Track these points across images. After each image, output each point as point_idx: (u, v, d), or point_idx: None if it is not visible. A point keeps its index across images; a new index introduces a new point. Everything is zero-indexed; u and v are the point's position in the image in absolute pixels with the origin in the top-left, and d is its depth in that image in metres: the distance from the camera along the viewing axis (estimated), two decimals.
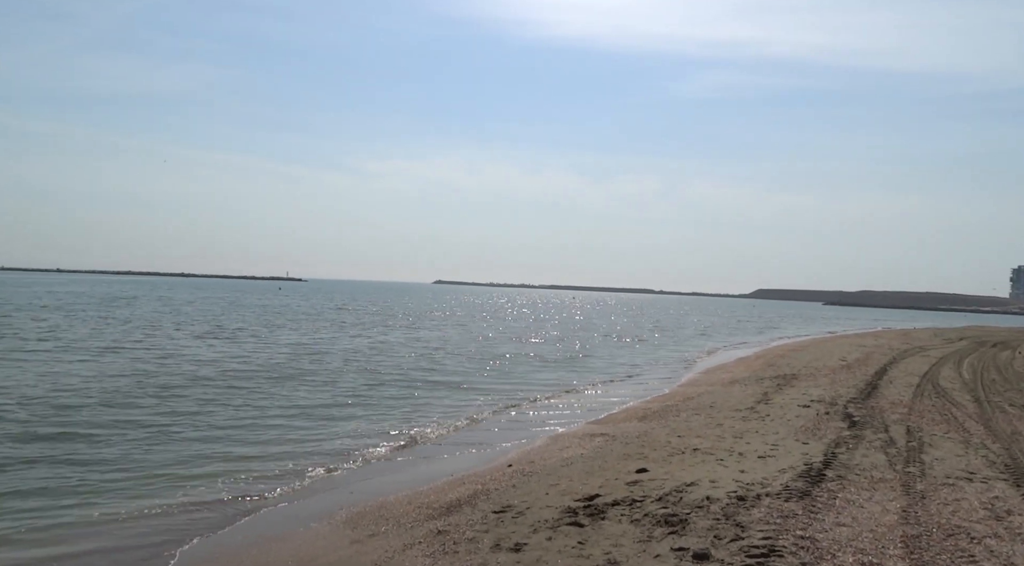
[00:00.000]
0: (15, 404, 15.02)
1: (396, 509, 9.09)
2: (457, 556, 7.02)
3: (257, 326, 41.61)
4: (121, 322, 39.77)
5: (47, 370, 20.10)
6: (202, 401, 16.13)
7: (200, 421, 14.11)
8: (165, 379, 19.38)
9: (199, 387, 18.29)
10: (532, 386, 21.52)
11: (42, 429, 12.93)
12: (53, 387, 17.35)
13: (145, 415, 14.59)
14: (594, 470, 10.41)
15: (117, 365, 21.78)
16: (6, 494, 9.34)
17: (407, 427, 14.65)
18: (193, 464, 11.09)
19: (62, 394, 16.45)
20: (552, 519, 7.98)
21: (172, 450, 11.91)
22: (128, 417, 14.31)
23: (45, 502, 9.19)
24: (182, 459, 11.36)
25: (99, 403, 15.53)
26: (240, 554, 7.68)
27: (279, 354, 26.59)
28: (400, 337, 37.82)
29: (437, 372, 23.80)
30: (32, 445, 11.83)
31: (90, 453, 11.49)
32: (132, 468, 10.73)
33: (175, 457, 11.51)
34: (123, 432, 12.91)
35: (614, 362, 30.15)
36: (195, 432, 13.15)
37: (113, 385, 17.99)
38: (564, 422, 15.64)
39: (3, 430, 12.70)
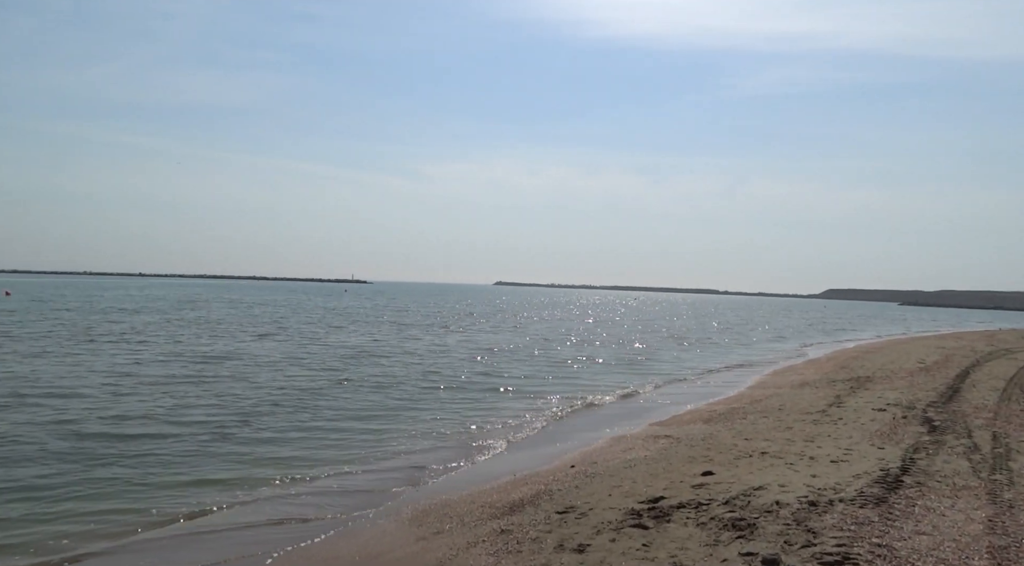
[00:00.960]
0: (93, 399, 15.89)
1: (459, 508, 9.18)
2: (520, 555, 7.04)
3: (319, 327, 42.74)
4: (190, 323, 41.53)
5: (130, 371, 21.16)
6: (264, 402, 16.45)
7: (262, 422, 14.47)
8: (225, 384, 20.11)
9: (260, 389, 18.85)
10: (593, 387, 21.37)
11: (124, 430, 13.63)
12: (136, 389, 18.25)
13: (208, 416, 15.16)
14: (658, 472, 10.27)
15: (178, 368, 22.71)
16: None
17: (468, 428, 14.77)
18: (258, 463, 11.35)
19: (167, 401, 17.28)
20: (616, 521, 7.90)
21: (238, 451, 12.30)
22: (191, 419, 14.89)
23: (116, 504, 9.67)
24: (245, 458, 11.67)
25: (178, 405, 16.25)
26: (310, 549, 7.89)
27: (339, 356, 27.20)
28: (459, 339, 38.17)
29: (496, 374, 23.89)
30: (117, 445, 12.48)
31: (160, 453, 12.04)
32: (190, 471, 11.03)
33: (241, 457, 11.92)
34: (188, 433, 13.43)
35: (677, 364, 29.64)
36: (256, 434, 13.47)
37: (181, 390, 18.78)
38: (626, 424, 15.47)
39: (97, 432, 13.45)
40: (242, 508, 9.25)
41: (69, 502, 9.21)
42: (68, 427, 13.10)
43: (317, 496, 9.87)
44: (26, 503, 9.06)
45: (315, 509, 9.29)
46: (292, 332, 37.77)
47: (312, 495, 9.93)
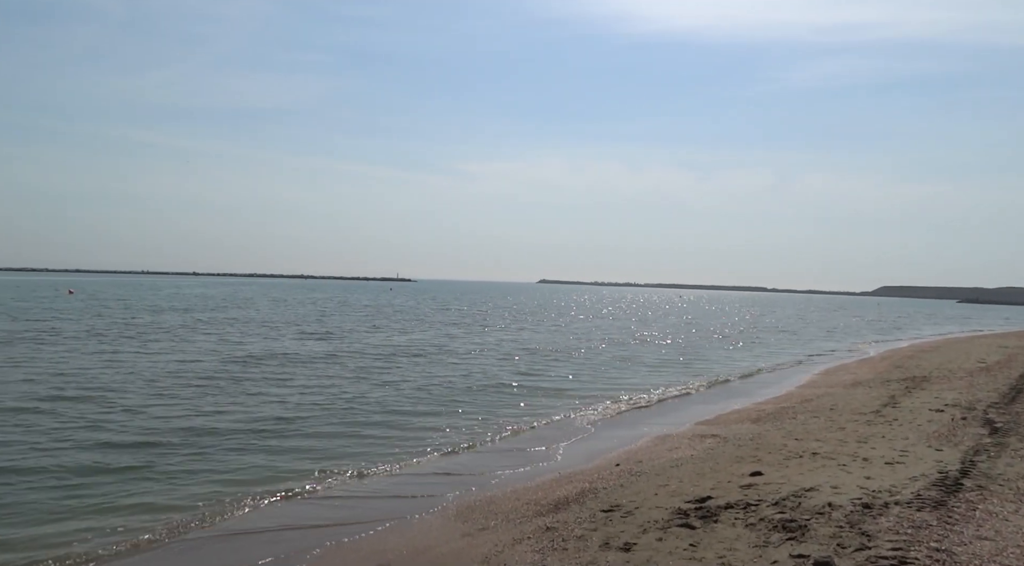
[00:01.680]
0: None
1: (504, 504, 9.21)
2: (566, 553, 7.03)
3: (362, 326, 43.37)
4: (235, 322, 42.58)
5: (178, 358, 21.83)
6: (305, 402, 16.56)
7: (305, 421, 14.65)
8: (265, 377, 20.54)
9: (301, 388, 19.17)
10: (637, 387, 21.18)
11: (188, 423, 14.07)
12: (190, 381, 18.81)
13: (250, 415, 15.52)
14: (705, 472, 10.13)
15: (218, 366, 23.28)
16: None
17: (509, 427, 14.80)
18: (302, 461, 11.49)
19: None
20: (662, 520, 7.83)
21: (280, 449, 12.56)
22: (232, 417, 15.25)
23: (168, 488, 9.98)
24: (288, 457, 11.87)
25: (230, 403, 16.68)
26: (358, 543, 8.02)
27: (381, 355, 27.53)
28: (501, 338, 38.26)
29: (538, 373, 23.88)
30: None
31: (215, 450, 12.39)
32: (234, 470, 11.25)
33: (283, 456, 12.19)
34: (230, 432, 13.74)
35: (723, 363, 29.17)
36: (299, 433, 13.65)
37: (238, 386, 19.27)
38: (671, 423, 15.30)
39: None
40: (288, 505, 9.41)
41: (115, 498, 9.50)
42: (107, 424, 13.41)
43: (362, 492, 10.01)
44: (68, 499, 9.39)
45: (361, 505, 9.42)
46: (334, 331, 38.40)
47: (357, 492, 10.08)
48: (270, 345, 29.22)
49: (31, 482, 9.88)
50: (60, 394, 16.37)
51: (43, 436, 12.39)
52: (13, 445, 11.73)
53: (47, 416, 14.00)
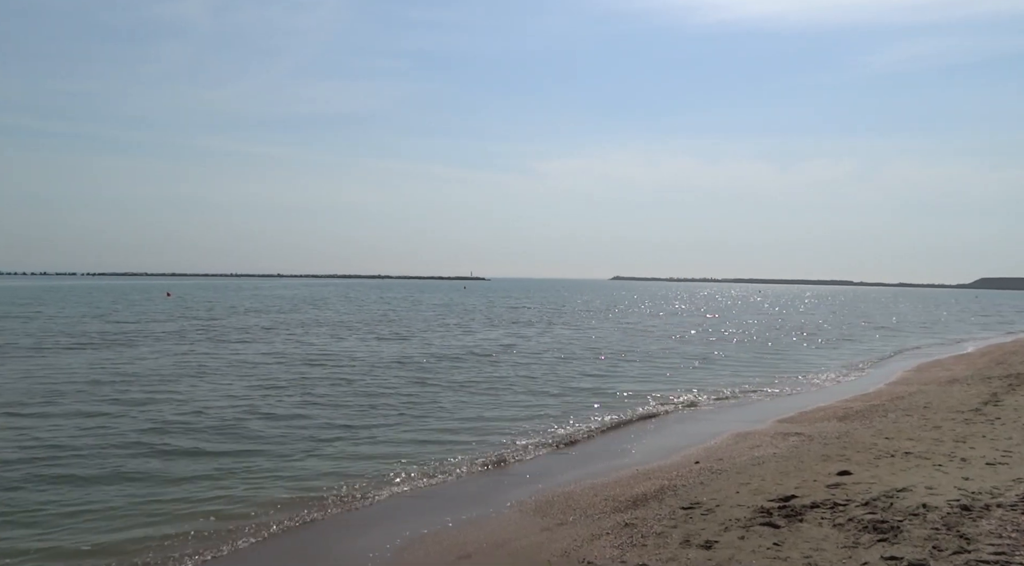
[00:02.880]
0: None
1: (582, 500, 9.23)
2: (645, 549, 6.99)
3: (435, 325, 44.09)
4: (311, 322, 44.04)
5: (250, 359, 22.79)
6: (378, 404, 16.72)
7: (382, 419, 15.03)
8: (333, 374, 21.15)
9: (372, 387, 19.62)
10: (715, 383, 20.74)
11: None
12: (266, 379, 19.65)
13: (322, 413, 16.02)
14: (789, 470, 9.85)
15: (291, 365, 24.11)
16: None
17: (586, 422, 14.77)
18: (382, 458, 11.70)
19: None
20: (744, 518, 7.67)
21: (354, 446, 12.94)
22: (305, 415, 15.77)
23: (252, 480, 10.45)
24: (364, 453, 12.13)
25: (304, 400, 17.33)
26: (440, 534, 8.21)
27: (450, 355, 27.86)
28: (573, 336, 38.16)
29: (612, 369, 23.72)
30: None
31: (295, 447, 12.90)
32: (311, 464, 11.66)
33: (359, 451, 12.56)
34: (305, 428, 14.24)
35: (806, 359, 28.17)
36: (376, 428, 14.01)
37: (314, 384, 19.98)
38: (751, 420, 14.92)
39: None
40: (369, 499, 9.64)
41: (192, 493, 10.01)
42: (181, 421, 13.88)
43: (441, 487, 10.20)
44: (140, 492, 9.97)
45: (440, 499, 9.60)
46: (411, 330, 39.21)
47: (436, 486, 10.27)
48: (341, 345, 30.06)
49: (135, 480, 10.57)
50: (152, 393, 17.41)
51: (149, 433, 13.22)
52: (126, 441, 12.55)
53: (143, 411, 14.94)
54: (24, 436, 12.55)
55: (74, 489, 9.71)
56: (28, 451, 11.55)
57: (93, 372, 20.28)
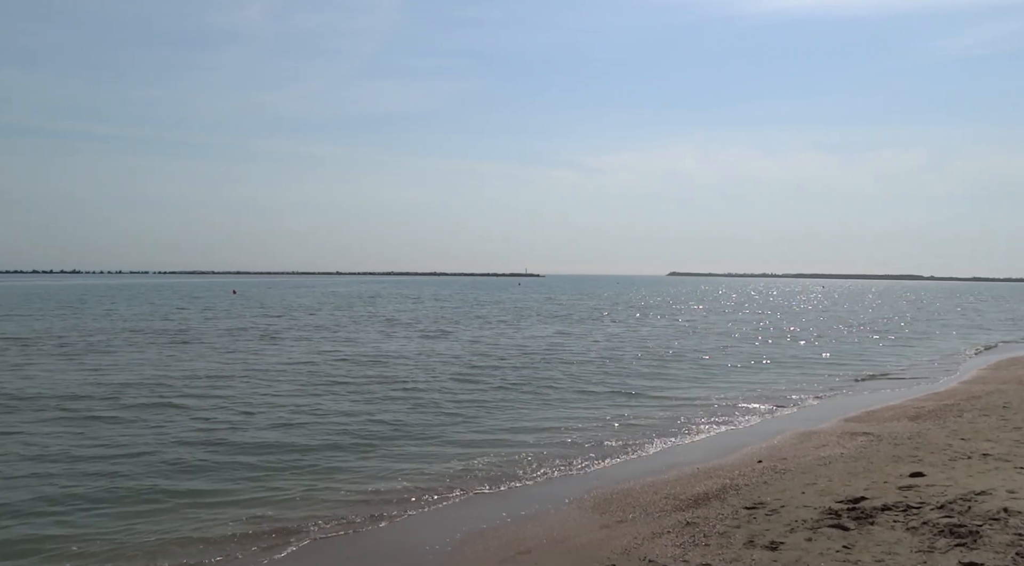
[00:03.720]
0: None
1: (642, 497, 9.13)
2: (708, 549, 6.87)
3: (487, 323, 44.24)
4: (368, 318, 44.72)
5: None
6: (429, 402, 16.85)
7: (434, 416, 15.18)
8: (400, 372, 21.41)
9: (419, 382, 19.79)
10: (775, 381, 20.23)
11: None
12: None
13: (380, 410, 16.21)
14: (857, 471, 9.54)
15: (351, 364, 24.50)
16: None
17: (642, 420, 14.61)
18: (438, 454, 11.83)
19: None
20: (811, 520, 7.46)
21: (413, 441, 13.11)
22: (364, 412, 15.99)
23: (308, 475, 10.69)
24: (421, 448, 12.35)
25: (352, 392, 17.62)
26: (499, 529, 8.25)
27: (500, 355, 27.90)
28: (627, 333, 37.78)
29: (667, 367, 23.38)
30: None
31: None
32: (382, 459, 11.92)
33: (417, 446, 12.71)
34: (365, 423, 14.46)
35: (873, 356, 27.18)
36: (434, 420, 14.24)
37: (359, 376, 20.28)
38: (816, 419, 14.50)
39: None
40: (426, 495, 9.72)
41: (261, 488, 10.35)
42: (233, 420, 14.05)
43: (498, 484, 10.20)
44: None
45: (497, 496, 9.62)
46: (463, 327, 39.49)
47: (493, 483, 10.27)
48: (392, 343, 30.37)
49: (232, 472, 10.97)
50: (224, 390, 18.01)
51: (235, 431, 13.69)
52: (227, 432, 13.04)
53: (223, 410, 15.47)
54: (118, 432, 13.17)
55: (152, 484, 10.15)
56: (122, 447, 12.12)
57: (158, 369, 21.12)
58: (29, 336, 30.60)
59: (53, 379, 18.62)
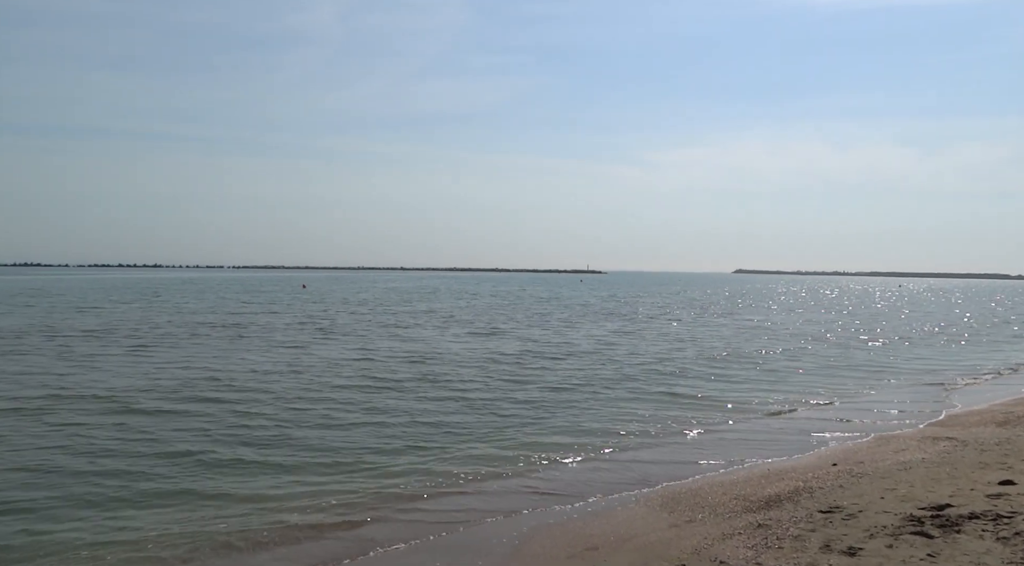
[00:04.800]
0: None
1: (710, 497, 8.96)
2: (782, 552, 6.69)
3: (550, 320, 44.11)
4: (428, 314, 45.19)
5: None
6: (495, 389, 17.20)
7: (495, 409, 15.29)
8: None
9: (477, 379, 19.90)
10: (852, 382, 19.51)
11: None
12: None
13: (438, 407, 16.37)
14: (941, 477, 9.11)
15: (410, 363, 24.77)
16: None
17: (705, 418, 14.34)
18: (502, 446, 11.91)
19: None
20: (892, 526, 7.18)
21: (482, 435, 13.21)
22: (422, 407, 16.17)
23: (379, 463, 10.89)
24: (489, 442, 12.43)
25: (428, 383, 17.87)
26: (568, 524, 8.24)
27: (565, 353, 27.75)
28: (690, 332, 37.08)
29: (733, 367, 22.86)
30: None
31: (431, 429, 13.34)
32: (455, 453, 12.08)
33: (486, 440, 12.79)
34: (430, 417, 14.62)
35: (955, 359, 25.89)
36: (492, 417, 14.27)
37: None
38: (894, 422, 13.92)
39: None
40: (490, 488, 9.80)
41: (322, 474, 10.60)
42: (295, 416, 14.08)
43: (561, 479, 10.17)
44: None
45: (562, 493, 9.56)
46: (522, 324, 39.48)
47: (557, 478, 10.29)
48: (447, 341, 30.50)
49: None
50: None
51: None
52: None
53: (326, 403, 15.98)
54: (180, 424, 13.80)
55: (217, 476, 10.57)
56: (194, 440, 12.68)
57: (215, 363, 21.89)
58: (96, 328, 32.21)
59: (111, 374, 18.91)
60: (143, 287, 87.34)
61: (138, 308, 46.81)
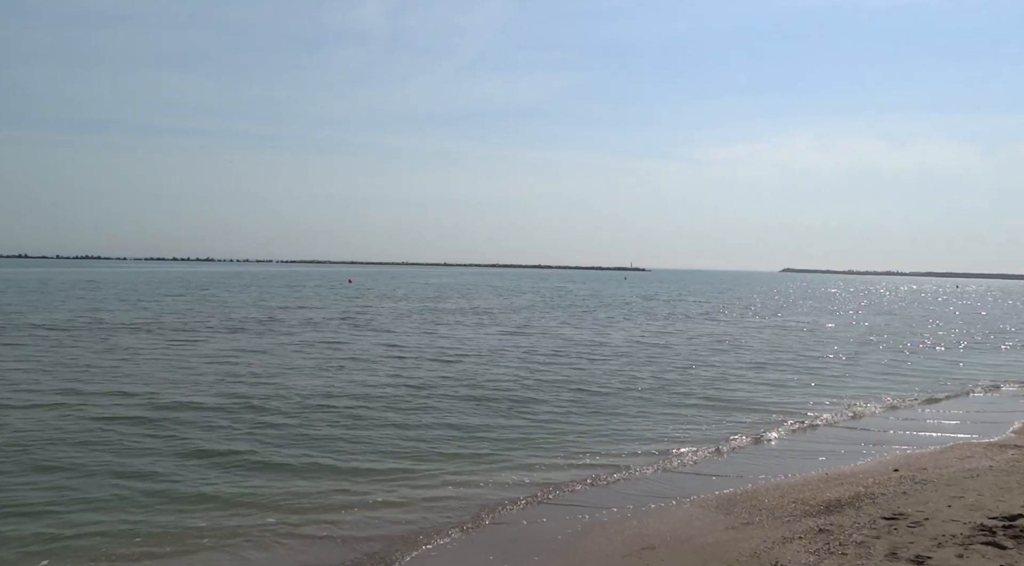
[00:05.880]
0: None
1: (768, 500, 8.82)
2: (845, 558, 6.55)
3: (591, 318, 43.81)
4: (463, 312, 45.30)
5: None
6: (538, 388, 17.25)
7: (539, 407, 15.38)
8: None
9: (555, 365, 19.86)
10: (910, 387, 18.94)
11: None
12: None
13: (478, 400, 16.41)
14: (1011, 486, 8.80)
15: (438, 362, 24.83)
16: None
17: (757, 420, 14.10)
18: (551, 446, 11.95)
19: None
20: (961, 535, 6.96)
21: (561, 422, 13.25)
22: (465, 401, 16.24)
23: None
24: (541, 438, 12.53)
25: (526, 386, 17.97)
26: (623, 523, 8.22)
27: (617, 353, 27.56)
28: (741, 330, 36.42)
29: (788, 368, 22.39)
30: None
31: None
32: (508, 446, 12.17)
33: (539, 435, 12.83)
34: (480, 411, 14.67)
35: (1018, 364, 24.87)
36: (536, 416, 14.35)
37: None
38: (960, 429, 13.46)
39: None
40: (541, 486, 9.82)
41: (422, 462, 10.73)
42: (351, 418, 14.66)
43: (615, 477, 10.15)
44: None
45: (616, 491, 9.57)
46: (563, 323, 39.30)
47: (610, 476, 10.27)
48: (480, 337, 30.66)
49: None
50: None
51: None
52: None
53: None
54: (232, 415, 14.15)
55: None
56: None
57: (253, 357, 22.37)
58: (139, 322, 33.24)
59: (145, 368, 19.40)
60: (194, 281, 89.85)
61: (185, 301, 47.90)
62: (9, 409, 13.32)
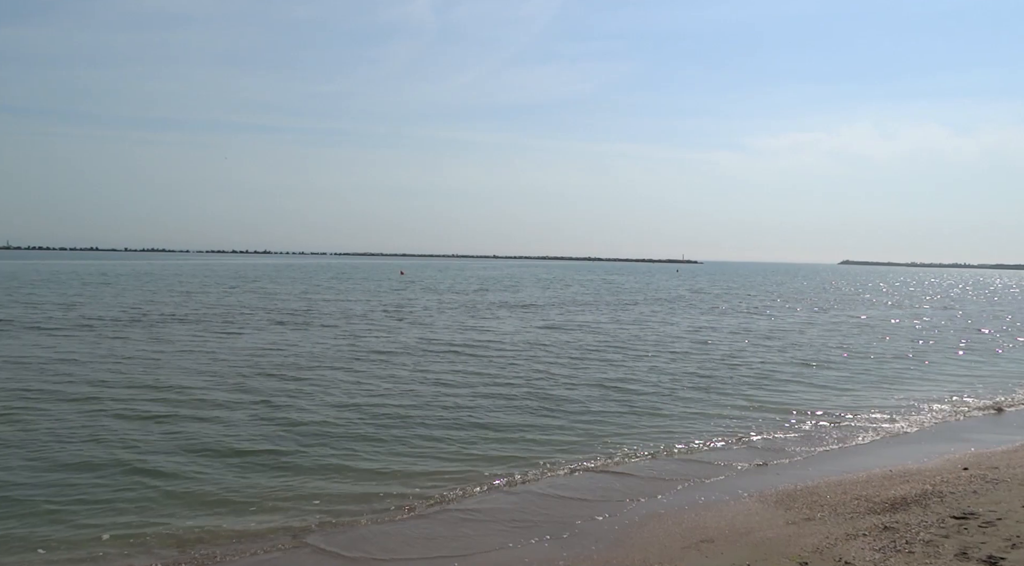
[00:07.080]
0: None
1: (829, 497, 8.65)
2: (913, 557, 6.40)
3: (650, 311, 43.34)
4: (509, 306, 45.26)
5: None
6: (587, 383, 17.20)
7: (590, 401, 15.43)
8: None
9: (623, 359, 19.81)
10: (976, 385, 18.24)
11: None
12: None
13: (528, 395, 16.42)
14: None
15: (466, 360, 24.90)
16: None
17: (825, 417, 13.79)
18: (604, 436, 12.06)
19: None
20: None
21: (602, 415, 13.29)
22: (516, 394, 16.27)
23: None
24: (588, 430, 12.58)
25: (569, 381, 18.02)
26: (680, 515, 8.19)
27: (637, 343, 27.25)
28: (775, 326, 35.54)
29: (846, 363, 21.80)
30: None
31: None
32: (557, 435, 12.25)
33: (608, 420, 12.86)
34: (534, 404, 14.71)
35: None
36: (606, 403, 14.46)
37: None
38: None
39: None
40: (597, 476, 9.89)
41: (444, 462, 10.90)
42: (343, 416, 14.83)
43: (670, 471, 10.09)
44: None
45: (671, 482, 9.52)
46: (612, 316, 38.96)
47: (674, 465, 10.27)
48: (535, 333, 30.67)
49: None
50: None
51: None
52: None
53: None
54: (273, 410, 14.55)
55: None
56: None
57: (291, 348, 22.83)
58: (188, 313, 34.28)
59: (184, 359, 19.93)
60: (248, 273, 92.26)
61: (238, 294, 47.87)
62: (44, 402, 13.18)
